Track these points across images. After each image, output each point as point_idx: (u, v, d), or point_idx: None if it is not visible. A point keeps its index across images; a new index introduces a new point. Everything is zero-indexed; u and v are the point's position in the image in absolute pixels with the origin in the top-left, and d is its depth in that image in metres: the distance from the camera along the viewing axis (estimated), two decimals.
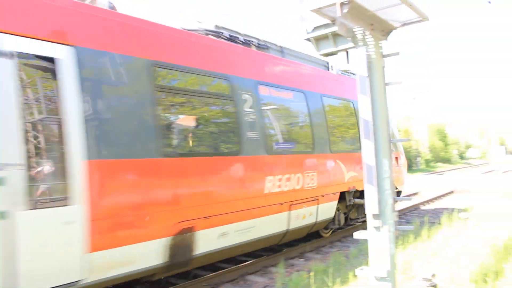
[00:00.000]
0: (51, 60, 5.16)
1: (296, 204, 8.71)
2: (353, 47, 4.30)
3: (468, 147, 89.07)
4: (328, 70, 11.29)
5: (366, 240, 4.48)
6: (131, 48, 6.10)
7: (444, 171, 46.06)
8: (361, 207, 11.06)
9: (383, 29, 4.55)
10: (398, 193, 13.95)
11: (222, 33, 8.33)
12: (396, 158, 13.83)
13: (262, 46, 9.16)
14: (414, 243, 8.82)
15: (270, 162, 8.16)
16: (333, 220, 10.41)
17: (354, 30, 4.29)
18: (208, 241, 6.94)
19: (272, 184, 8.08)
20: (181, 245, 6.45)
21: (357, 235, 4.63)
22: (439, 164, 59.86)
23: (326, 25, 4.33)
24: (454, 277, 6.04)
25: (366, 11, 4.04)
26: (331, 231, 11.07)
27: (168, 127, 6.79)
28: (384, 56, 4.66)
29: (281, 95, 8.98)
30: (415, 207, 16.69)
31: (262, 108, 8.26)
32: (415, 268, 7.08)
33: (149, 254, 6.01)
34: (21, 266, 4.68)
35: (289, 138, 9.14)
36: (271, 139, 8.47)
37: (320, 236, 10.78)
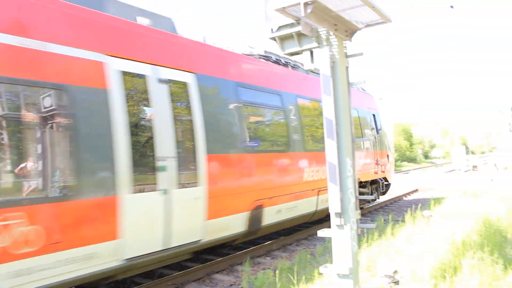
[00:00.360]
0: (185, 83, 7.52)
1: (322, 190, 10.85)
2: (317, 47, 4.34)
3: (432, 146, 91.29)
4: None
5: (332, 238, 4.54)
6: (225, 73, 8.58)
7: (409, 170, 47.04)
8: (362, 195, 13.19)
9: (347, 30, 4.62)
10: (388, 186, 16.69)
11: (270, 57, 10.90)
12: (387, 156, 16.47)
13: (295, 66, 11.71)
14: (378, 241, 8.98)
15: (306, 157, 10.62)
16: None
17: (318, 30, 4.33)
18: (270, 215, 9.21)
19: (308, 174, 10.55)
20: (255, 217, 8.78)
21: (321, 233, 4.69)
22: (404, 163, 61.11)
23: (291, 25, 4.35)
24: (415, 274, 6.18)
25: (330, 11, 4.09)
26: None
27: (249, 131, 9.06)
28: (348, 56, 4.73)
29: (311, 105, 11.49)
30: (381, 205, 17.01)
31: (301, 115, 10.71)
32: (379, 265, 7.23)
33: (238, 223, 8.38)
34: (173, 226, 6.86)
35: (317, 139, 11.24)
36: (306, 140, 10.83)
37: (287, 234, 10.89)
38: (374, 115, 15.63)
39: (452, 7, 15.19)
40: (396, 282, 5.66)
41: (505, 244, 7.65)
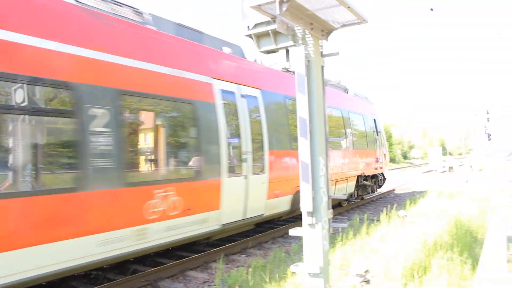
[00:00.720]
0: (255, 97, 10.09)
1: (339, 181, 13.74)
2: (293, 45, 4.33)
3: (411, 147, 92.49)
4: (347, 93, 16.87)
5: None
6: (278, 88, 11.18)
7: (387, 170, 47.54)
8: (365, 187, 17.08)
9: (323, 29, 4.61)
10: (384, 180, 19.59)
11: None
12: (385, 154, 19.45)
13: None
14: (353, 240, 9.05)
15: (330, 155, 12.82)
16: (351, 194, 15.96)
17: (294, 28, 4.32)
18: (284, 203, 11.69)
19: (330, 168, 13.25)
20: (295, 200, 11.05)
21: (293, 232, 4.69)
22: None
23: (267, 23, 4.32)
24: (387, 273, 6.24)
25: (306, 10, 4.08)
26: (346, 202, 16.17)
27: (294, 133, 10.76)
28: (324, 55, 4.73)
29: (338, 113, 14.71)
30: (357, 205, 17.15)
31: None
32: (354, 264, 7.28)
33: (285, 203, 11.01)
34: (248, 203, 9.44)
35: (334, 142, 14.02)
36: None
37: (262, 231, 10.90)
38: (374, 120, 18.84)
39: (432, 9, 15.27)
40: (367, 281, 5.71)
41: (474, 245, 7.78)
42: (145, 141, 8.06)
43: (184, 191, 7.80)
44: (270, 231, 11.09)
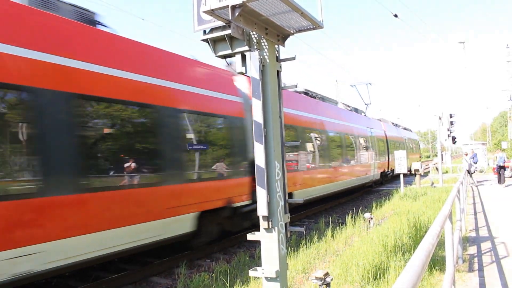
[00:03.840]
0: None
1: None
2: (249, 50, 4.33)
3: None
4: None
5: None
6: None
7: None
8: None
9: (278, 34, 4.64)
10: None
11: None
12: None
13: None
14: (318, 243, 9.12)
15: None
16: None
17: (250, 33, 4.33)
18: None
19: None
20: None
21: (250, 236, 4.67)
22: None
23: (222, 27, 4.31)
24: (347, 276, 6.31)
25: (259, 15, 4.09)
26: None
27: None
28: (280, 60, 4.76)
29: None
30: (325, 208, 17.32)
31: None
32: (316, 268, 7.33)
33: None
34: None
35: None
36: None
37: (229, 236, 10.85)
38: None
39: (396, 16, 15.63)
40: (328, 284, 5.73)
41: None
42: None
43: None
44: (236, 235, 11.06)
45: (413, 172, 22.91)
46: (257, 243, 10.55)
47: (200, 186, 8.94)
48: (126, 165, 7.38)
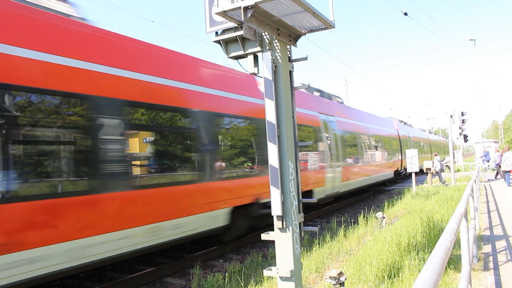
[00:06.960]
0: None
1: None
2: (261, 51, 4.35)
3: None
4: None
5: None
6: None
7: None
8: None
9: (290, 35, 4.65)
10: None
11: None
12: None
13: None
14: (330, 243, 9.11)
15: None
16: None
17: (262, 34, 4.35)
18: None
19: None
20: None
21: (264, 236, 4.69)
22: None
23: (234, 29, 4.33)
24: (361, 275, 6.30)
25: (271, 16, 4.11)
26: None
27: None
28: (292, 60, 4.77)
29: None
30: (336, 207, 17.28)
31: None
32: (330, 267, 7.33)
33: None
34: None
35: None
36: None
37: (242, 237, 10.89)
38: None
39: (406, 14, 15.56)
40: (342, 284, 5.73)
41: None
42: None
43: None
44: (248, 236, 11.09)
45: (424, 171, 22.74)
46: (269, 243, 10.59)
47: (233, 184, 9.64)
48: (176, 165, 8.42)
